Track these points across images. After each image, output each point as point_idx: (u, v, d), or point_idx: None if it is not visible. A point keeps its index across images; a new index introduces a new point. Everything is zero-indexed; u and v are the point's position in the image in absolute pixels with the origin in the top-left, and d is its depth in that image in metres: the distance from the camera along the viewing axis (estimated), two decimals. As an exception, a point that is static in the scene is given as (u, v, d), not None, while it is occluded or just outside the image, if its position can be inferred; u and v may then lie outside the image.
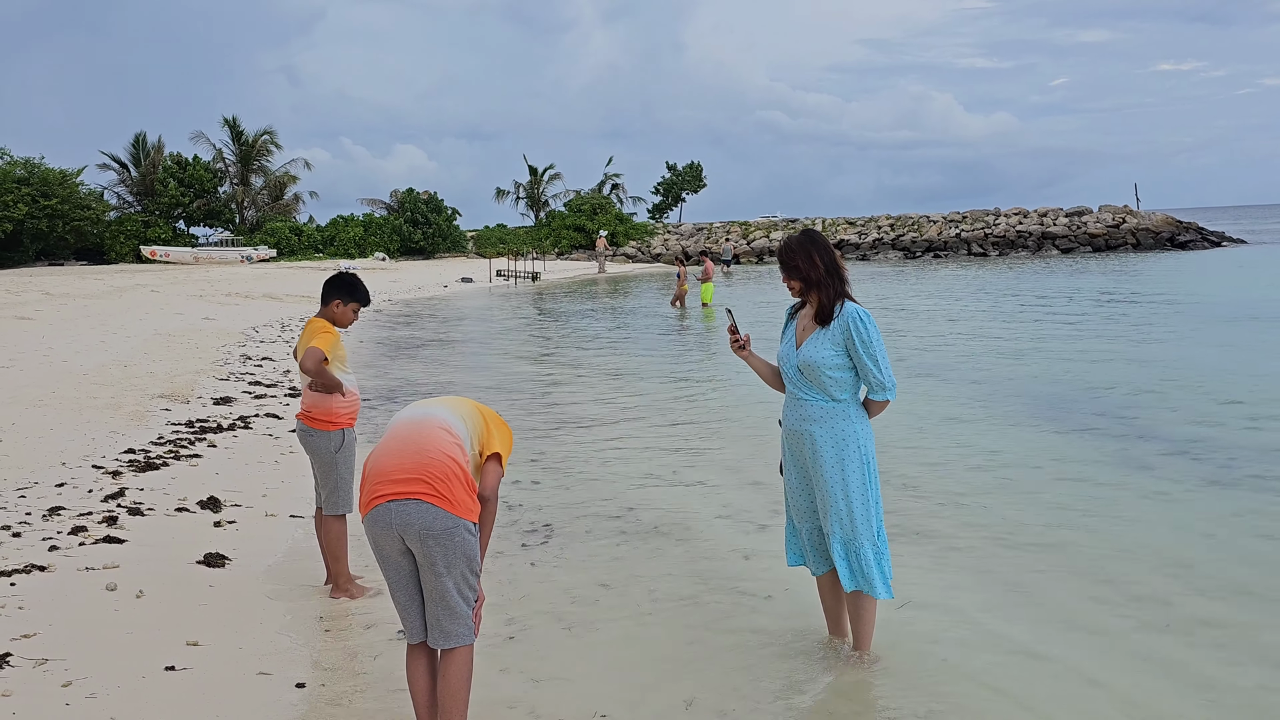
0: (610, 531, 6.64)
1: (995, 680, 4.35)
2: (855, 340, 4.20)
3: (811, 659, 4.56)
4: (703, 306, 26.30)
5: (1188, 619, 5.01)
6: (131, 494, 7.22)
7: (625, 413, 11.28)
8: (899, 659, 4.52)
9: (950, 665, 4.50)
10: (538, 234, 70.22)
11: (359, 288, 5.53)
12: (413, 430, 3.63)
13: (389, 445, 3.62)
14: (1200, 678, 4.35)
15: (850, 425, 4.29)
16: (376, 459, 3.62)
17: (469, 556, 3.53)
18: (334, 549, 5.47)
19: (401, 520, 3.47)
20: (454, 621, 3.55)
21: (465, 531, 3.51)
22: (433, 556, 3.48)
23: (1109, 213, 60.49)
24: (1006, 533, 6.44)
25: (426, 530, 3.45)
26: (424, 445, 3.56)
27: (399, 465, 3.53)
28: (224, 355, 16.12)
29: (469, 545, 3.53)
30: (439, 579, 3.50)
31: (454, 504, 3.49)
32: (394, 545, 3.53)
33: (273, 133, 63.69)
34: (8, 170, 49.75)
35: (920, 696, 4.18)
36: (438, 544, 3.46)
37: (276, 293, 31.40)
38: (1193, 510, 6.88)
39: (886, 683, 4.33)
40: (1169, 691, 4.23)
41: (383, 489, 3.51)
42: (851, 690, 4.30)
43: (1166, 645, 4.69)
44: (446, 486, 3.49)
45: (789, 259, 4.33)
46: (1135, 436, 9.19)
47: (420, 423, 3.65)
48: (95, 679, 4.23)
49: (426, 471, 3.50)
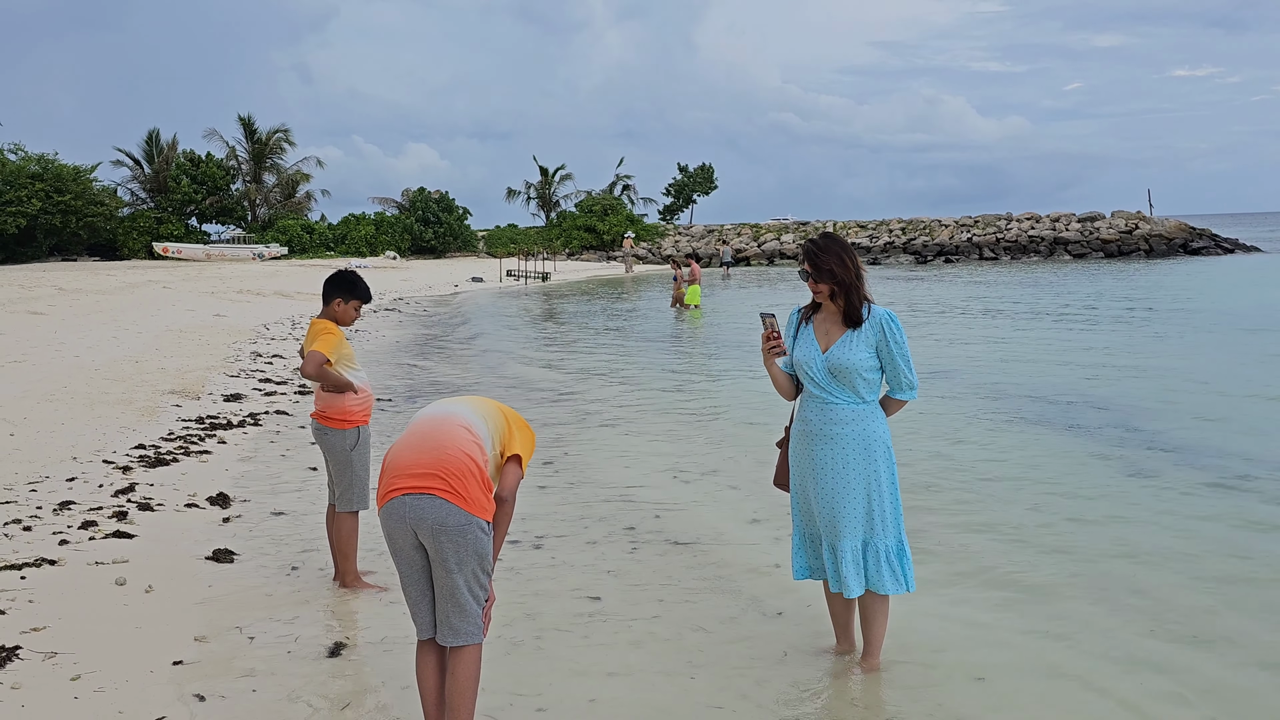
0: (618, 536, 6.63)
1: (1003, 689, 4.33)
2: (889, 341, 4.25)
3: (820, 667, 4.55)
4: (686, 309, 26.57)
5: (1199, 628, 4.97)
6: (141, 489, 7.25)
7: (635, 415, 11.28)
8: (907, 667, 4.50)
9: (959, 674, 4.47)
10: (548, 234, 70.30)
11: (359, 285, 5.50)
12: (433, 427, 3.65)
13: (408, 440, 3.64)
14: (1209, 686, 4.32)
15: (878, 425, 4.32)
16: (395, 453, 3.64)
17: (481, 555, 3.54)
18: (344, 546, 5.48)
19: (415, 514, 3.49)
20: (463, 619, 3.56)
21: (478, 529, 3.52)
22: (444, 553, 3.49)
23: (1122, 218, 60.18)
24: (1016, 539, 6.41)
25: (440, 525, 3.47)
26: (442, 442, 3.58)
27: (416, 460, 3.55)
28: (235, 352, 16.18)
29: (481, 543, 3.54)
30: (449, 575, 3.51)
31: (468, 501, 3.50)
32: (407, 539, 3.55)
33: (287, 131, 64.08)
34: (22, 166, 50.08)
35: (928, 705, 4.16)
36: (450, 540, 3.47)
37: (287, 290, 31.51)
38: (1206, 519, 6.83)
39: (894, 691, 4.31)
40: (1177, 701, 4.20)
41: (398, 482, 3.54)
42: (860, 697, 4.28)
43: (1177, 655, 4.65)
44: (462, 484, 3.50)
45: (821, 262, 4.28)
46: (1145, 444, 9.14)
47: (441, 420, 3.67)
48: (103, 673, 4.25)
49: (443, 467, 3.52)
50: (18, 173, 49.22)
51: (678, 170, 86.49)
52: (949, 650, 4.70)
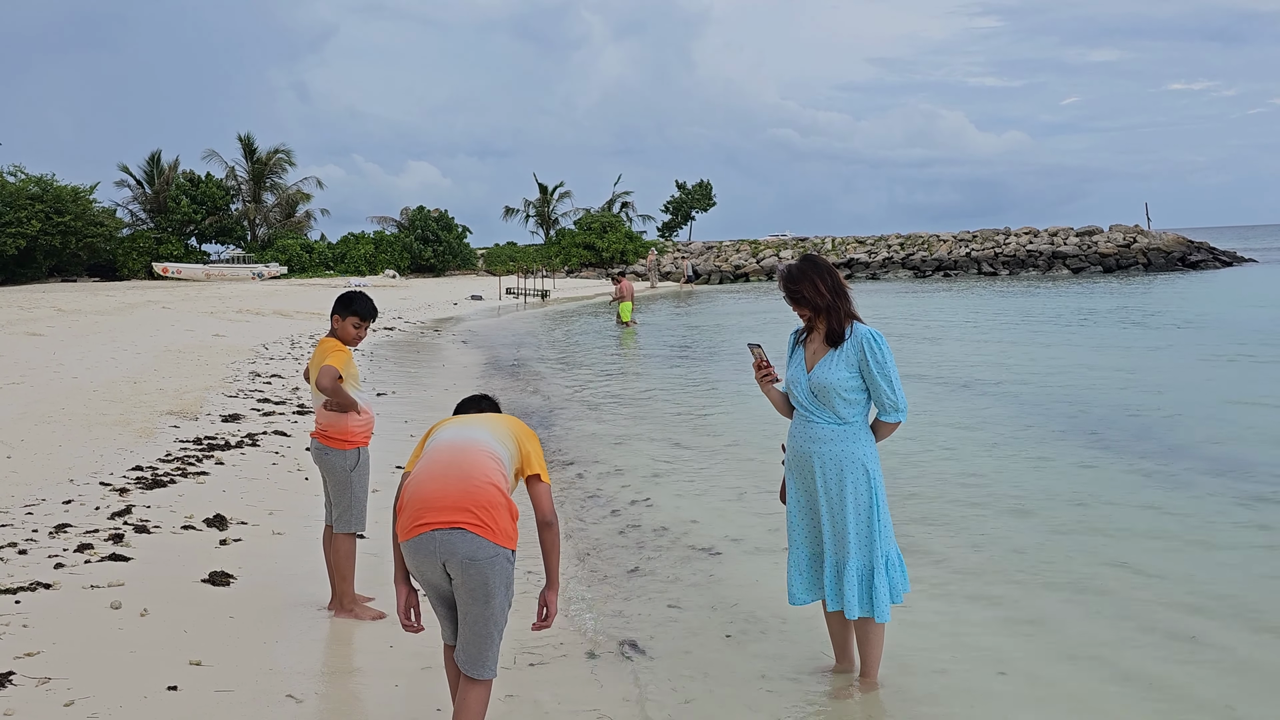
0: (621, 553, 6.60)
1: (1003, 709, 4.30)
2: (870, 361, 4.22)
3: (818, 686, 4.52)
4: (621, 324, 27.20)
5: (1200, 646, 4.94)
6: (138, 511, 7.21)
7: (640, 430, 11.25)
8: (906, 687, 4.47)
9: (958, 693, 4.45)
10: (547, 252, 70.39)
11: (356, 301, 5.51)
12: (457, 455, 3.62)
13: (431, 470, 3.60)
14: (1210, 706, 4.28)
15: (857, 446, 4.27)
16: (419, 484, 3.59)
17: (507, 584, 3.56)
18: (342, 568, 5.45)
19: (446, 549, 3.48)
20: (482, 654, 3.56)
21: (505, 560, 3.53)
22: (472, 584, 3.49)
23: (1120, 232, 60.31)
24: (1015, 557, 6.38)
25: (470, 559, 3.46)
26: (469, 472, 3.55)
27: (444, 492, 3.52)
28: (233, 372, 16.14)
29: (508, 574, 3.55)
30: (476, 606, 3.52)
31: (497, 534, 3.50)
32: (436, 571, 3.53)
33: (289, 152, 64.28)
34: (21, 187, 50.14)
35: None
36: (479, 572, 3.47)
37: (287, 309, 31.50)
38: (1208, 534, 6.80)
39: (895, 711, 4.28)
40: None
41: (426, 517, 3.51)
42: (859, 717, 4.25)
43: (1179, 674, 4.63)
44: (490, 515, 3.50)
45: (794, 290, 4.33)
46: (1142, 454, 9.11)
47: (464, 447, 3.64)
48: (97, 698, 4.21)
49: (472, 500, 3.50)
50: (17, 193, 49.29)
51: (676, 187, 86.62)
52: (949, 670, 4.68)
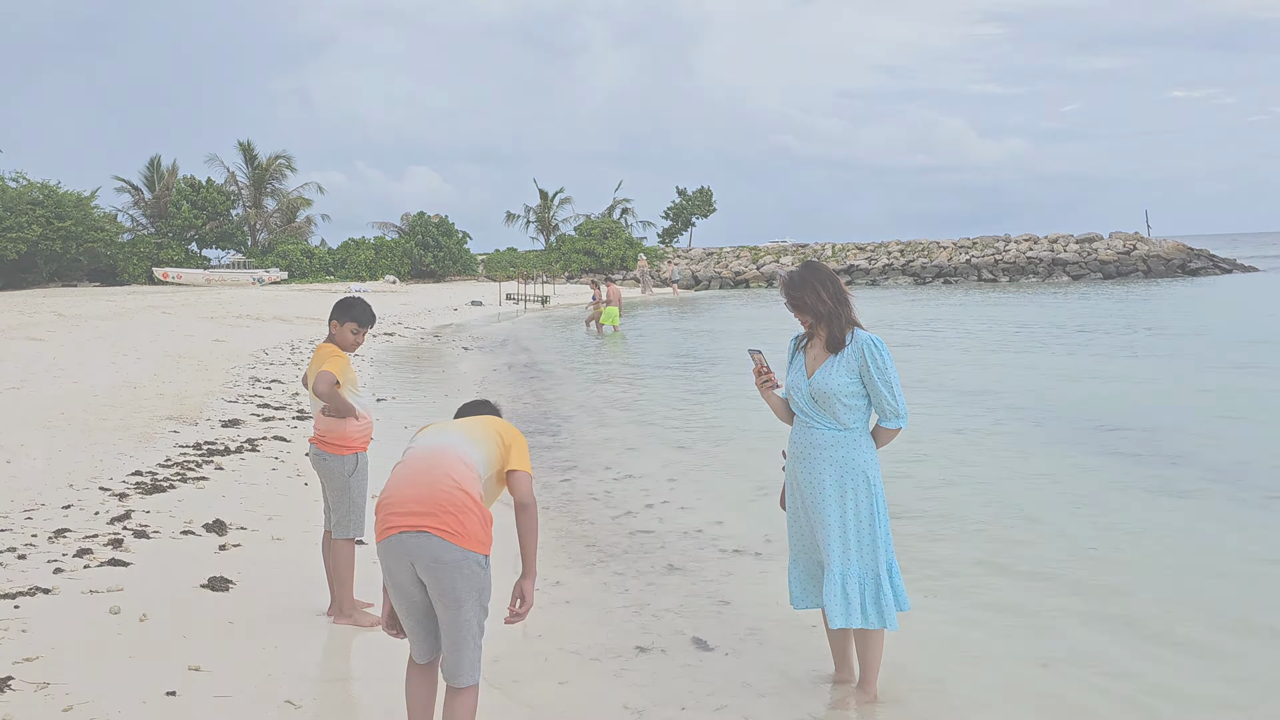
0: (615, 560, 6.59)
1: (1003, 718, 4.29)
2: (870, 367, 4.22)
3: (817, 695, 4.51)
4: (603, 329, 27.57)
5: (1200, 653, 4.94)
6: (138, 516, 7.21)
7: (636, 438, 11.24)
8: (906, 696, 4.46)
9: (956, 703, 4.44)
10: (547, 258, 70.40)
11: (354, 308, 5.52)
12: (429, 459, 3.63)
13: (404, 474, 3.63)
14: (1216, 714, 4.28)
15: (857, 453, 4.27)
16: (391, 487, 3.62)
17: (479, 589, 3.54)
18: (341, 573, 5.45)
19: (412, 552, 3.49)
20: (461, 659, 3.55)
21: (474, 564, 3.51)
22: (441, 588, 3.49)
23: (1120, 239, 60.32)
24: (1016, 567, 6.37)
25: (436, 561, 3.46)
26: (437, 476, 3.56)
27: (413, 496, 3.54)
28: (233, 377, 16.14)
29: (479, 578, 3.53)
30: (448, 611, 3.51)
31: (464, 537, 3.49)
32: (406, 574, 3.54)
33: (290, 158, 64.34)
34: (22, 193, 50.18)
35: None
36: (447, 575, 3.47)
37: (287, 314, 31.50)
38: (1213, 542, 6.80)
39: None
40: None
41: (395, 520, 3.53)
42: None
43: (1185, 684, 4.62)
44: (457, 520, 3.49)
45: (796, 296, 4.33)
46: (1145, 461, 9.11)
47: (436, 452, 3.65)
48: (96, 703, 4.21)
49: (437, 504, 3.50)
50: (18, 199, 49.33)
51: (677, 193, 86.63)
52: (949, 680, 4.66)
